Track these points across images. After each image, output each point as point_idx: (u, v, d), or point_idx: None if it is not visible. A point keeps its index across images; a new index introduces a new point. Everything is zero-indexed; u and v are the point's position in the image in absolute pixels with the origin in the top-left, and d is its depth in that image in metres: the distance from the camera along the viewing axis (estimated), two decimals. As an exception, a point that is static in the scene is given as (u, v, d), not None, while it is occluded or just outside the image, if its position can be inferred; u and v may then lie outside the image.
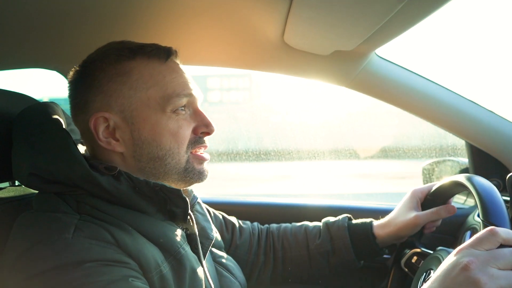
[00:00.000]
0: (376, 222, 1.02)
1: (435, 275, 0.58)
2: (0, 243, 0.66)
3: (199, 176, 0.78)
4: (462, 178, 0.78)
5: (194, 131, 0.77)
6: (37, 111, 0.77)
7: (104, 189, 0.67)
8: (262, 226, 1.10)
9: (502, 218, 0.62)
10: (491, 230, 0.57)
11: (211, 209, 1.04)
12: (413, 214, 0.97)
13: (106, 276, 0.59)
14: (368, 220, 1.03)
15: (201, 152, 0.79)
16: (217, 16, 0.91)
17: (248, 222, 1.09)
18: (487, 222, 0.63)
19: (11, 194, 0.82)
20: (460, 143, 1.29)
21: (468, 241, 0.58)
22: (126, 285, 0.60)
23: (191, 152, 0.77)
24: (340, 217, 1.06)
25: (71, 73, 0.78)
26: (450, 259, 0.58)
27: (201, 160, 0.78)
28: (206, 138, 0.80)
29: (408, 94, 1.09)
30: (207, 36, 1.02)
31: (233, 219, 1.07)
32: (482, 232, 0.58)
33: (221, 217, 1.05)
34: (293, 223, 1.10)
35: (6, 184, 0.91)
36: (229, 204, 1.39)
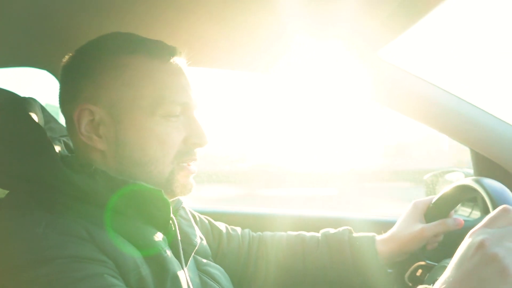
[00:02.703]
0: (379, 237, 0.95)
1: (451, 262, 0.55)
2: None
3: (182, 190, 0.72)
4: (470, 181, 0.73)
5: (185, 141, 0.72)
6: (11, 106, 0.72)
7: (77, 188, 0.62)
8: (254, 234, 1.03)
9: None
10: (503, 208, 0.56)
11: (197, 214, 0.98)
12: (418, 226, 0.91)
13: (79, 273, 0.54)
14: (370, 234, 0.97)
15: (188, 163, 0.73)
16: (231, 17, 0.87)
17: (238, 229, 1.03)
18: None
19: None
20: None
21: (480, 223, 0.56)
22: (101, 281, 0.55)
23: (177, 164, 0.71)
24: (341, 229, 0.99)
25: (66, 57, 0.74)
26: (464, 243, 0.55)
27: (187, 173, 0.73)
28: (198, 151, 0.74)
29: (411, 99, 1.05)
30: (220, 37, 0.98)
31: (221, 225, 1.00)
32: (494, 211, 0.56)
33: (207, 222, 0.99)
34: (289, 232, 1.03)
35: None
36: (219, 213, 1.34)
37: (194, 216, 0.95)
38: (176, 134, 0.71)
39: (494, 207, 0.61)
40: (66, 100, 0.72)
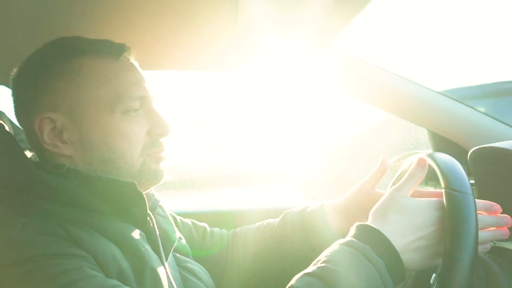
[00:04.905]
0: (328, 203, 0.93)
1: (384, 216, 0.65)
2: None
3: (154, 176, 0.74)
4: (422, 156, 0.77)
5: (149, 133, 0.74)
6: None
7: (51, 188, 0.63)
8: (228, 231, 1.05)
9: (464, 183, 0.60)
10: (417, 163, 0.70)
11: (178, 217, 0.99)
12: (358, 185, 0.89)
13: (58, 268, 0.54)
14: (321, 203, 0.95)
15: (158, 152, 0.75)
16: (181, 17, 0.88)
17: (217, 228, 1.04)
18: (449, 189, 0.61)
19: None
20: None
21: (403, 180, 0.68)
22: (80, 273, 0.55)
23: (148, 155, 0.73)
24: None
25: (14, 70, 0.74)
26: (392, 199, 0.66)
27: (158, 159, 0.75)
28: (164, 141, 0.76)
29: (369, 86, 1.09)
30: (176, 38, 0.99)
31: (203, 224, 1.02)
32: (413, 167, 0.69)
33: (190, 222, 1.01)
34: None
35: None
36: (199, 213, 1.34)
37: (174, 217, 0.96)
38: (138, 128, 0.72)
39: (444, 177, 0.63)
40: (23, 112, 0.72)
